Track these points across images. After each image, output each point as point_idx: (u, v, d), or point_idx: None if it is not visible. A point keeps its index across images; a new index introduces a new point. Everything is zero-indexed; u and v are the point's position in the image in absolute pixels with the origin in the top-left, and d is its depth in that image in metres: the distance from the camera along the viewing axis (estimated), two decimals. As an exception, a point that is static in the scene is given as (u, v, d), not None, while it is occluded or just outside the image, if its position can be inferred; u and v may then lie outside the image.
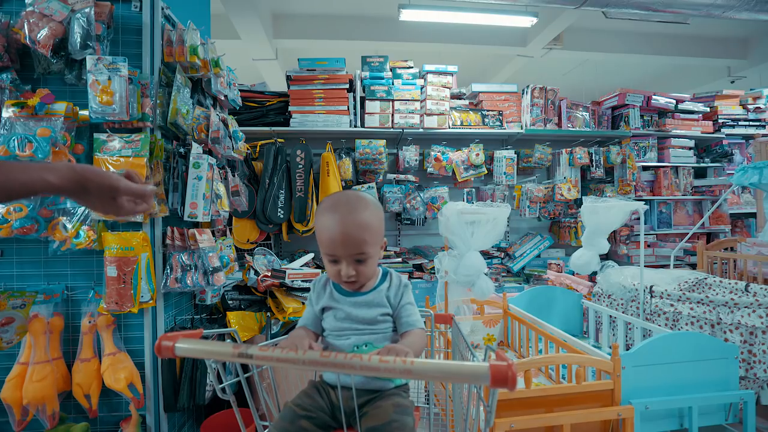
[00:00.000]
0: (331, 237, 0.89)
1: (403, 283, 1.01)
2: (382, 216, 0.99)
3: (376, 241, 0.93)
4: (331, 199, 0.95)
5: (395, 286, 1.00)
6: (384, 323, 0.97)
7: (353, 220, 0.89)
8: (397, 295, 0.99)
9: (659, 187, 3.71)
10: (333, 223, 0.89)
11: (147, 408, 1.64)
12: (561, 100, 3.52)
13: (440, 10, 3.82)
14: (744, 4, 3.35)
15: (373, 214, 0.93)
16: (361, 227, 0.89)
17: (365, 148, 3.08)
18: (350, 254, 0.90)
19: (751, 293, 2.20)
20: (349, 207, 0.90)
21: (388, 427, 0.84)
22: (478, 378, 0.54)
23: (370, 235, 0.90)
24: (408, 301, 0.99)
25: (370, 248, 0.91)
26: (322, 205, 0.94)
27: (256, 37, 4.42)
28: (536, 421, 1.38)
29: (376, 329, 0.96)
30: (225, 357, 0.63)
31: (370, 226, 0.90)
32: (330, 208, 0.91)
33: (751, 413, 1.62)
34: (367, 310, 0.96)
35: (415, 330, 0.95)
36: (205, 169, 1.75)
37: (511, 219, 3.56)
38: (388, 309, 0.97)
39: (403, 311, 0.98)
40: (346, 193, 0.98)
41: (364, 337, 0.94)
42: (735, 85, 5.82)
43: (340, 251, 0.89)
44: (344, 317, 0.96)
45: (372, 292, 0.98)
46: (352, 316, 0.96)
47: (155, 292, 1.62)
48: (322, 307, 0.99)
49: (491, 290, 2.05)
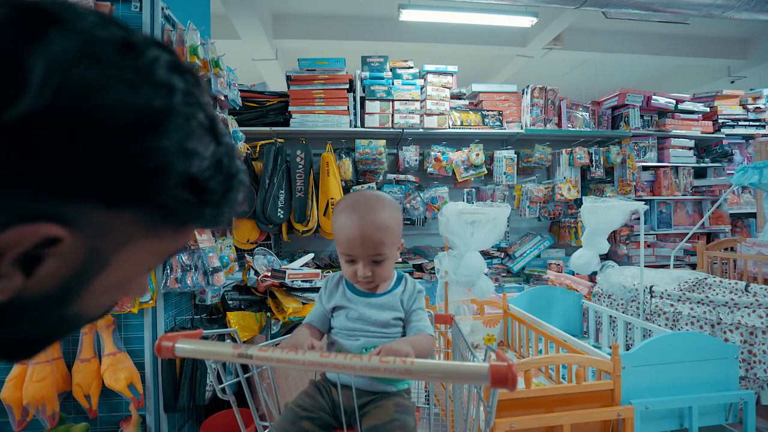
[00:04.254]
0: (348, 237, 0.88)
1: (417, 289, 1.01)
2: (401, 217, 0.98)
3: (394, 243, 0.93)
4: (349, 198, 0.95)
5: (409, 291, 0.99)
6: (395, 327, 0.97)
7: (372, 221, 0.88)
8: (411, 300, 0.98)
9: (659, 187, 3.71)
10: (351, 223, 0.88)
11: (147, 408, 1.64)
12: (561, 100, 3.51)
13: (440, 10, 3.82)
14: (744, 4, 3.35)
15: (391, 215, 0.92)
16: (379, 228, 0.88)
17: (365, 148, 3.08)
18: (367, 255, 0.89)
19: (751, 293, 2.20)
20: (368, 207, 0.90)
21: (389, 426, 0.84)
22: (478, 378, 0.54)
23: (388, 236, 0.90)
24: (420, 307, 0.99)
25: (388, 249, 0.91)
26: (341, 204, 0.94)
27: (256, 37, 4.42)
28: (536, 422, 1.38)
29: (388, 333, 0.95)
30: (225, 357, 0.63)
31: (388, 228, 0.90)
32: (348, 208, 0.91)
33: (751, 413, 1.62)
34: (381, 312, 0.96)
35: (423, 334, 0.95)
36: (205, 169, 1.75)
37: (511, 219, 3.56)
38: (401, 313, 0.97)
39: (414, 316, 0.97)
40: (365, 192, 0.97)
41: (374, 340, 0.94)
42: (735, 85, 5.81)
43: (358, 251, 0.89)
44: (357, 317, 0.96)
45: (387, 294, 0.98)
46: (365, 317, 0.95)
47: (155, 292, 1.62)
48: (334, 306, 0.99)
49: (491, 290, 2.05)
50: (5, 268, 0.28)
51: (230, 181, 0.37)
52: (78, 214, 0.29)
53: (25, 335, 0.35)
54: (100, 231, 0.31)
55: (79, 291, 0.34)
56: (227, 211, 0.38)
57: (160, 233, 0.35)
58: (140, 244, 0.34)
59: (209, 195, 0.35)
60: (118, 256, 0.34)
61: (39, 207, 0.28)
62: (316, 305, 1.03)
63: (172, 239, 0.37)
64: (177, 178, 0.32)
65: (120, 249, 0.33)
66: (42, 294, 0.31)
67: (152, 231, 0.34)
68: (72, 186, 0.28)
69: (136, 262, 0.36)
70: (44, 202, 0.28)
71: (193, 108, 0.33)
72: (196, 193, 0.33)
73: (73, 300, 0.34)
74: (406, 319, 0.98)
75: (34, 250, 0.29)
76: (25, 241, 0.28)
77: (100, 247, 0.32)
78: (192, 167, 0.32)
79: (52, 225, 0.28)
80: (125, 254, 0.34)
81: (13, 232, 0.27)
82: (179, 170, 0.31)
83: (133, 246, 0.34)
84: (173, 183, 0.32)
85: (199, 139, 0.33)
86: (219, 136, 0.35)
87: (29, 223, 0.27)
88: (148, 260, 0.37)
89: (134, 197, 0.31)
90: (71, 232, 0.29)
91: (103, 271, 0.34)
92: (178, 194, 0.32)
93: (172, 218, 0.34)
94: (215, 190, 0.35)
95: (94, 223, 0.30)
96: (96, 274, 0.33)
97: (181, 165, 0.31)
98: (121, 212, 0.31)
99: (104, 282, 0.34)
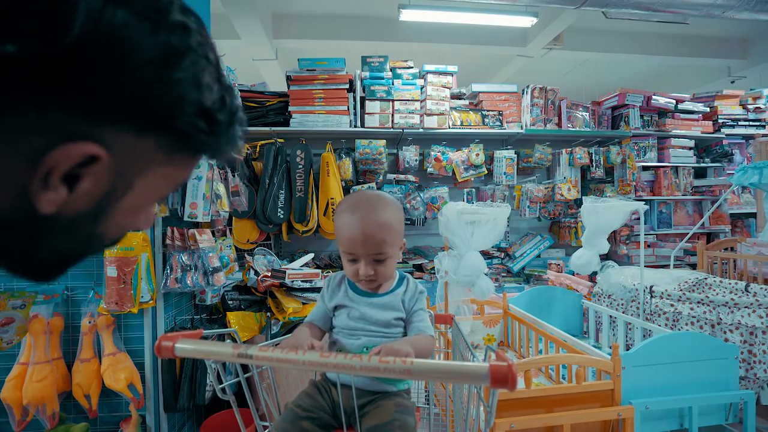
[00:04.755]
0: (350, 236, 0.89)
1: (419, 290, 1.01)
2: (402, 217, 0.99)
3: (396, 242, 0.94)
4: (351, 198, 0.95)
5: (411, 292, 1.00)
6: (397, 327, 0.97)
7: (374, 220, 0.89)
8: (412, 300, 0.99)
9: (659, 187, 3.71)
10: (353, 222, 0.89)
11: (147, 408, 1.64)
12: (561, 100, 3.51)
13: (440, 10, 3.82)
14: (744, 4, 3.35)
15: (393, 214, 0.93)
16: (381, 227, 0.89)
17: (365, 148, 3.08)
18: (369, 254, 0.90)
19: (751, 293, 2.20)
20: (370, 206, 0.90)
21: (389, 426, 0.84)
22: (478, 378, 0.54)
23: (390, 235, 0.90)
24: (421, 307, 0.99)
25: (390, 248, 0.91)
26: (343, 204, 0.94)
27: (256, 37, 4.41)
28: (536, 422, 1.38)
29: (389, 332, 0.96)
30: (225, 357, 0.63)
31: (390, 227, 0.90)
32: (350, 207, 0.91)
33: (751, 413, 1.62)
34: (382, 312, 0.96)
35: (424, 334, 0.95)
36: (205, 169, 1.75)
37: (511, 219, 3.56)
38: (402, 313, 0.97)
39: (415, 316, 0.98)
40: (367, 192, 0.98)
41: (376, 339, 0.94)
42: (735, 85, 5.81)
43: (360, 250, 0.90)
44: (358, 317, 0.96)
45: (389, 294, 0.98)
46: (367, 316, 0.95)
47: (155, 293, 1.62)
48: (336, 305, 0.99)
49: (491, 290, 2.05)
50: (54, 182, 0.33)
51: (234, 115, 0.42)
52: (112, 137, 0.34)
53: (55, 252, 0.39)
54: (129, 154, 0.36)
55: (107, 211, 0.38)
56: (231, 144, 0.43)
57: (176, 161, 0.40)
58: (159, 170, 0.39)
59: (218, 126, 0.39)
60: (141, 180, 0.39)
61: (82, 128, 0.32)
62: (317, 304, 1.03)
63: (183, 167, 0.42)
64: (193, 107, 0.36)
65: (143, 173, 0.38)
66: (79, 211, 0.36)
67: (170, 158, 0.39)
68: (108, 109, 0.33)
69: (153, 187, 0.41)
70: (86, 124, 0.32)
71: (204, 47, 0.38)
72: (208, 123, 0.38)
73: (101, 219, 0.39)
74: (407, 319, 0.98)
75: (76, 168, 0.33)
76: (72, 157, 0.32)
77: (127, 170, 0.37)
78: (205, 99, 0.37)
79: (94, 144, 0.33)
80: (146, 178, 0.39)
81: (64, 149, 0.32)
82: (194, 100, 0.36)
83: (153, 171, 0.39)
84: (190, 111, 0.36)
85: (210, 74, 0.38)
86: (221, 75, 0.40)
87: (75, 142, 0.32)
88: (162, 187, 0.42)
89: (158, 122, 0.36)
90: (107, 152, 0.34)
91: (127, 193, 0.39)
92: (194, 122, 0.37)
93: (188, 146, 0.40)
94: (222, 121, 0.40)
95: (124, 146, 0.35)
96: (122, 195, 0.38)
97: (195, 95, 0.36)
98: (147, 137, 0.36)
99: (126, 204, 0.39)
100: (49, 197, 0.33)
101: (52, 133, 0.31)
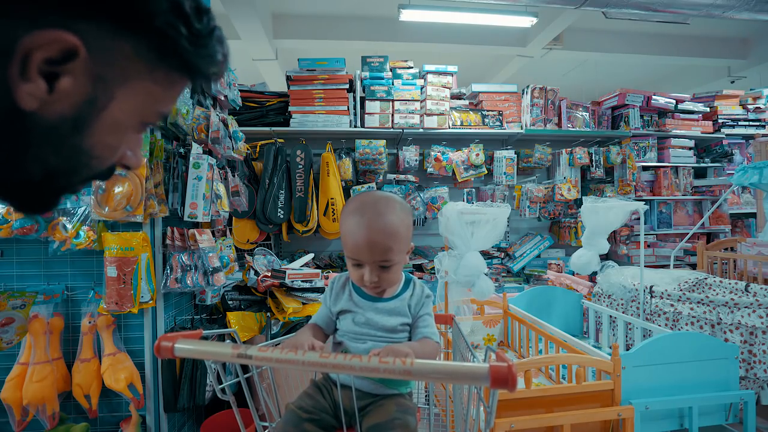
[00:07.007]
0: (355, 242, 0.85)
1: (425, 294, 0.98)
2: (411, 220, 0.94)
3: (403, 248, 0.89)
4: (357, 200, 0.90)
5: (417, 296, 0.97)
6: (403, 332, 0.95)
7: (380, 226, 0.85)
8: (418, 305, 0.96)
9: (659, 187, 3.71)
10: (358, 228, 0.85)
11: (147, 408, 1.64)
12: (561, 100, 3.51)
13: (440, 10, 3.82)
14: (744, 4, 3.34)
15: (400, 219, 0.88)
16: (387, 234, 0.85)
17: (365, 149, 3.08)
18: (375, 260, 0.86)
19: (751, 293, 2.20)
20: (377, 211, 0.86)
21: (390, 424, 0.83)
22: (478, 379, 0.54)
23: (396, 242, 0.86)
24: (427, 312, 0.97)
25: (396, 255, 0.87)
26: (349, 206, 0.90)
27: (256, 37, 4.41)
28: (536, 422, 1.38)
29: (395, 338, 0.94)
30: (224, 358, 0.63)
31: (397, 233, 0.86)
32: (356, 211, 0.87)
33: (751, 413, 1.62)
34: (389, 318, 0.93)
35: (429, 339, 0.93)
36: (205, 169, 1.75)
37: (511, 219, 3.56)
38: (409, 319, 0.95)
39: (420, 321, 0.95)
40: (374, 194, 0.93)
41: (382, 343, 0.91)
42: (735, 85, 5.81)
43: (365, 257, 0.86)
44: (364, 322, 0.93)
45: (395, 299, 0.95)
46: (372, 322, 0.93)
47: (155, 293, 1.62)
48: (340, 309, 0.96)
49: (491, 290, 2.05)
50: (33, 73, 0.33)
51: (212, 30, 0.41)
52: (86, 30, 0.34)
53: (42, 166, 0.39)
54: (106, 55, 0.36)
55: (89, 121, 0.38)
56: (211, 60, 0.43)
57: (157, 77, 0.40)
58: (140, 84, 0.40)
59: (196, 34, 0.39)
60: (122, 92, 0.39)
61: (55, 18, 0.33)
62: (321, 307, 1.01)
63: (165, 87, 0.42)
64: (168, 2, 0.37)
65: (123, 83, 0.39)
66: (60, 114, 0.36)
67: (151, 72, 0.39)
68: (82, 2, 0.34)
69: (135, 104, 0.41)
70: (59, 14, 0.33)
71: None
72: (186, 26, 0.38)
73: (84, 130, 0.39)
74: (413, 324, 0.96)
75: (54, 63, 0.33)
76: (48, 44, 0.33)
77: (107, 75, 0.37)
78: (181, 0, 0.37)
79: (68, 33, 0.33)
80: (127, 91, 0.39)
81: (38, 34, 0.32)
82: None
83: (134, 84, 0.39)
84: (165, 7, 0.36)
85: None
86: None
87: (49, 29, 0.32)
88: (146, 106, 0.42)
89: (134, 18, 0.36)
90: (85, 47, 0.34)
91: (109, 104, 0.39)
92: (172, 21, 0.37)
93: (166, 54, 0.39)
94: (200, 31, 0.40)
95: (101, 45, 0.36)
96: (104, 106, 0.38)
97: None
98: (124, 39, 0.37)
99: (109, 117, 0.39)
100: (29, 89, 0.33)
101: (24, 19, 0.32)
